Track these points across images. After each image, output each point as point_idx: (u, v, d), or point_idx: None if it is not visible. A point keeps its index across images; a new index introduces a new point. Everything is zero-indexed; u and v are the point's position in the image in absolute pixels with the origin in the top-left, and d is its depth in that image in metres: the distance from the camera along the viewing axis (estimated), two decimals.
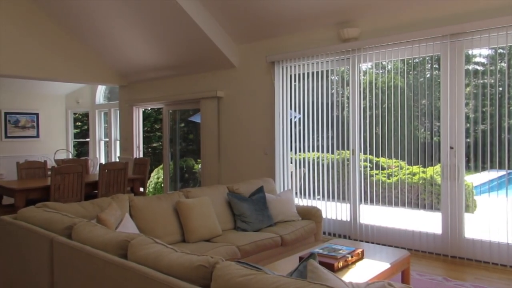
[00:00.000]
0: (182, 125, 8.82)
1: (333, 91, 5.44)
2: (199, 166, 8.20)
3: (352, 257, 3.01)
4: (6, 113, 9.78)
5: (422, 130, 4.84)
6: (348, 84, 5.23)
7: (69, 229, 2.45)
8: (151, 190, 9.58)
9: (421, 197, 4.94)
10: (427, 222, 4.66)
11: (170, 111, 8.03)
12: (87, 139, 10.86)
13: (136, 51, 7.15)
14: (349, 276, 2.76)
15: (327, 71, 5.45)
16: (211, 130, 6.78)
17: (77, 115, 11.38)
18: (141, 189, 6.51)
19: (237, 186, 4.36)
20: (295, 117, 5.85)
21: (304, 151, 5.67)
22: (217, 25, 6.04)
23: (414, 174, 5.11)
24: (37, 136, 10.28)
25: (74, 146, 11.16)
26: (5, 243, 2.90)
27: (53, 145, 10.50)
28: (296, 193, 5.78)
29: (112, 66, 8.03)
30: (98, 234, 2.24)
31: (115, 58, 7.66)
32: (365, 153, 5.13)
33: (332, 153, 5.39)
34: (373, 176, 5.23)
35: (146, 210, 3.46)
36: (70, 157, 10.35)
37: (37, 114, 10.28)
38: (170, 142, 8.12)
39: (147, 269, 1.80)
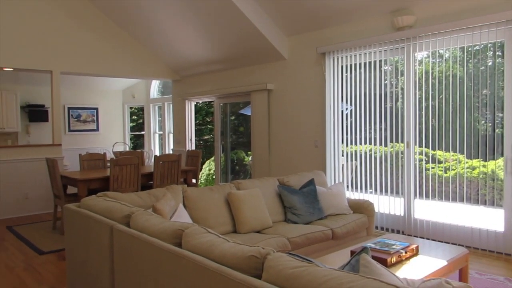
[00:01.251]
0: (233, 118, 8.93)
1: (386, 81, 5.27)
2: (250, 158, 8.29)
3: (406, 252, 2.93)
4: (69, 108, 10.41)
5: (483, 121, 4.58)
6: (402, 74, 5.05)
7: (127, 217, 2.57)
8: (203, 181, 9.82)
9: (481, 192, 4.68)
10: (487, 219, 4.42)
11: (221, 104, 8.16)
12: (143, 132, 11.29)
13: (189, 46, 7.32)
14: (403, 272, 2.69)
15: (380, 61, 5.29)
16: (261, 122, 6.82)
17: (133, 109, 11.86)
18: (194, 181, 6.69)
19: (288, 179, 4.37)
20: (346, 108, 5.74)
21: (355, 144, 5.56)
22: (266, 17, 6.04)
23: (473, 168, 4.86)
24: (97, 129, 10.86)
25: (130, 139, 11.66)
26: (71, 229, 3.10)
27: (111, 137, 11.05)
28: (347, 186, 5.69)
29: (166, 61, 8.28)
30: (154, 223, 2.33)
31: (168, 53, 7.89)
32: (420, 145, 4.95)
33: (385, 145, 5.24)
34: (428, 169, 5.03)
35: (199, 201, 3.56)
36: (127, 149, 10.83)
37: (96, 109, 10.86)
38: (221, 134, 8.26)
39: (200, 257, 1.86)
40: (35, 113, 9.71)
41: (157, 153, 10.75)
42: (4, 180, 6.58)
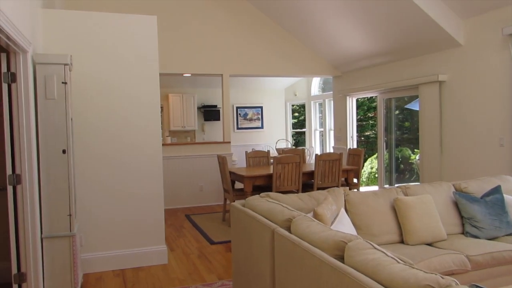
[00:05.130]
0: (397, 112, 8.34)
1: None
2: (416, 156, 7.61)
3: None
4: (237, 108, 11.21)
5: None
6: None
7: (288, 221, 2.54)
8: (364, 180, 9.45)
9: None
10: None
11: (384, 99, 7.68)
12: (304, 129, 11.46)
13: (349, 41, 7.06)
14: None
15: None
16: (431, 118, 6.15)
17: (294, 106, 12.14)
18: (355, 180, 6.44)
19: (466, 184, 3.79)
20: None
21: None
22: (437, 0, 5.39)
23: None
24: (261, 127, 11.45)
25: (292, 136, 11.98)
26: (236, 226, 3.24)
27: (274, 135, 11.52)
28: None
29: (326, 58, 8.18)
30: (315, 230, 2.23)
31: (328, 50, 7.77)
32: None
33: None
34: None
35: (361, 206, 3.34)
36: (289, 146, 11.14)
37: (261, 107, 11.45)
38: (384, 131, 7.78)
39: (365, 278, 1.67)
40: (209, 113, 10.75)
41: (318, 150, 10.78)
42: (183, 173, 7.43)
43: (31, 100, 3.22)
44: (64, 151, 3.41)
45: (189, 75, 7.70)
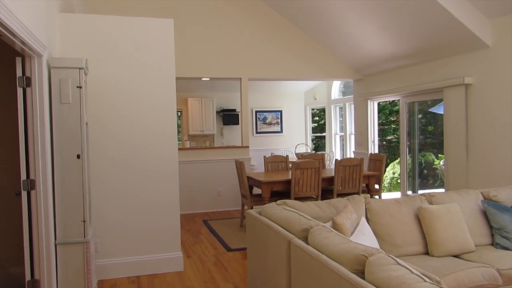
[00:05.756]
0: (420, 116, 8.09)
1: None
2: (440, 161, 7.36)
3: None
4: (256, 112, 11.12)
5: None
6: None
7: (305, 231, 2.42)
8: (386, 185, 9.22)
9: None
10: None
11: (407, 102, 7.45)
12: (324, 134, 11.28)
13: (370, 43, 6.88)
14: None
15: None
16: (456, 122, 5.91)
17: (314, 110, 11.97)
18: (376, 186, 6.24)
19: (495, 192, 3.58)
20: None
21: None
22: None
23: None
24: (281, 131, 11.32)
25: (312, 140, 11.80)
26: (252, 234, 3.14)
27: (294, 139, 11.37)
28: None
29: (347, 61, 8.01)
30: (334, 242, 2.10)
31: (349, 52, 7.60)
32: None
33: None
34: None
35: (383, 215, 3.18)
36: (309, 151, 10.97)
37: (280, 111, 11.32)
38: (407, 135, 7.55)
39: None
40: (228, 117, 10.69)
41: (338, 155, 10.57)
42: (202, 177, 7.36)
43: (45, 105, 3.19)
44: (78, 156, 3.37)
45: (208, 79, 7.65)
